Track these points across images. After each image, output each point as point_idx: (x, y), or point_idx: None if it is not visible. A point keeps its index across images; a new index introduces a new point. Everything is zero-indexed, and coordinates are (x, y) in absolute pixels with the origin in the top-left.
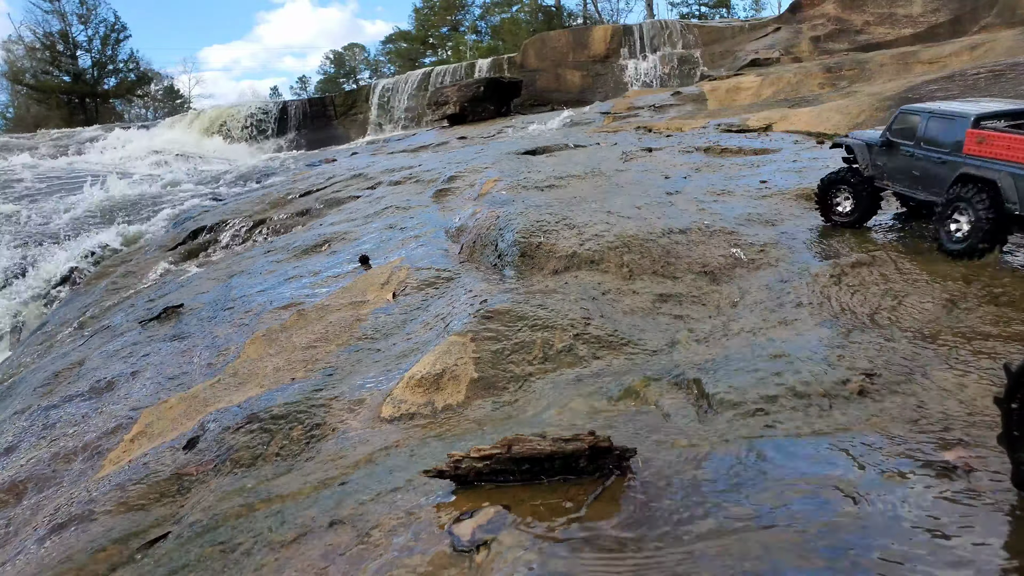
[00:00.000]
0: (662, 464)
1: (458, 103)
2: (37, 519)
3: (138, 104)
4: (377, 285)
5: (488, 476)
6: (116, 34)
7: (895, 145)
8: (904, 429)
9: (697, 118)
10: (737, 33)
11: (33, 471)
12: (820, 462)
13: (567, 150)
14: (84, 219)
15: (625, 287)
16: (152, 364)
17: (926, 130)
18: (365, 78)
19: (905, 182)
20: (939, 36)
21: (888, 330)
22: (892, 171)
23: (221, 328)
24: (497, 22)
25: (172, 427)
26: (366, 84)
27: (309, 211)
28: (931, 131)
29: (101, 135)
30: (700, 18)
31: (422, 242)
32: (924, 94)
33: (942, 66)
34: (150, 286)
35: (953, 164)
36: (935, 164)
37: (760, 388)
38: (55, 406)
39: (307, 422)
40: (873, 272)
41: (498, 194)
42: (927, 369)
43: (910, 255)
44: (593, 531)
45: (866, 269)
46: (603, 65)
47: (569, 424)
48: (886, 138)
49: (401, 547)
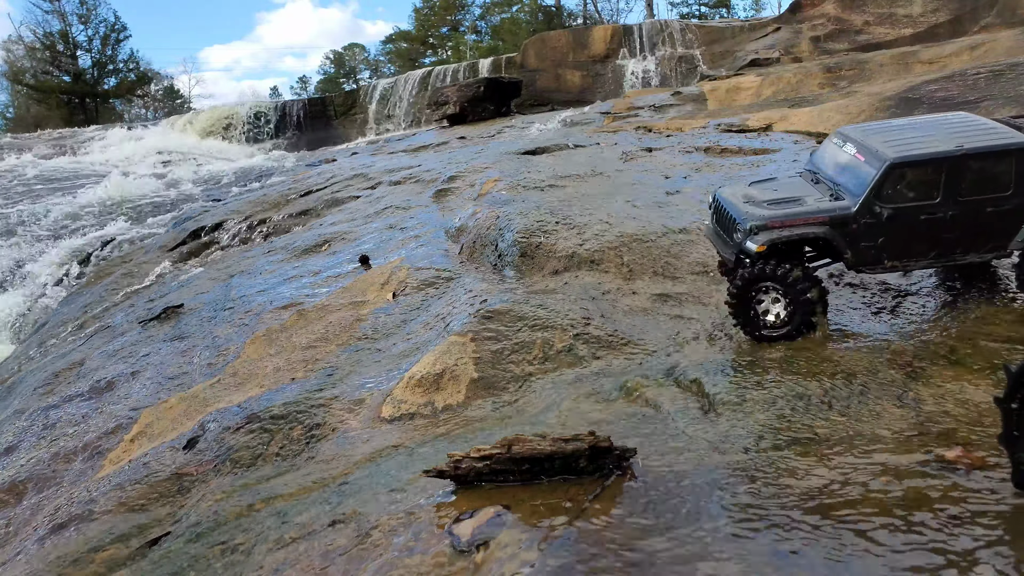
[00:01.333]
0: (662, 464)
1: (458, 103)
2: (37, 519)
3: (138, 104)
4: (377, 285)
5: (488, 476)
6: (116, 34)
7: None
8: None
9: (697, 118)
10: (737, 33)
11: (33, 471)
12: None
13: (567, 150)
14: (84, 219)
15: (625, 287)
16: (152, 364)
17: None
18: (365, 78)
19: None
20: (939, 36)
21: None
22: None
23: (221, 328)
24: (497, 22)
25: (172, 427)
26: (366, 84)
27: (309, 211)
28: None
29: (101, 135)
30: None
31: (422, 242)
32: (924, 94)
33: (942, 66)
34: (150, 286)
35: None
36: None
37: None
38: (55, 406)
39: (307, 422)
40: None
41: (498, 194)
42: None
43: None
44: (593, 531)
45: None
46: (603, 65)
47: (569, 424)
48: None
49: (401, 547)
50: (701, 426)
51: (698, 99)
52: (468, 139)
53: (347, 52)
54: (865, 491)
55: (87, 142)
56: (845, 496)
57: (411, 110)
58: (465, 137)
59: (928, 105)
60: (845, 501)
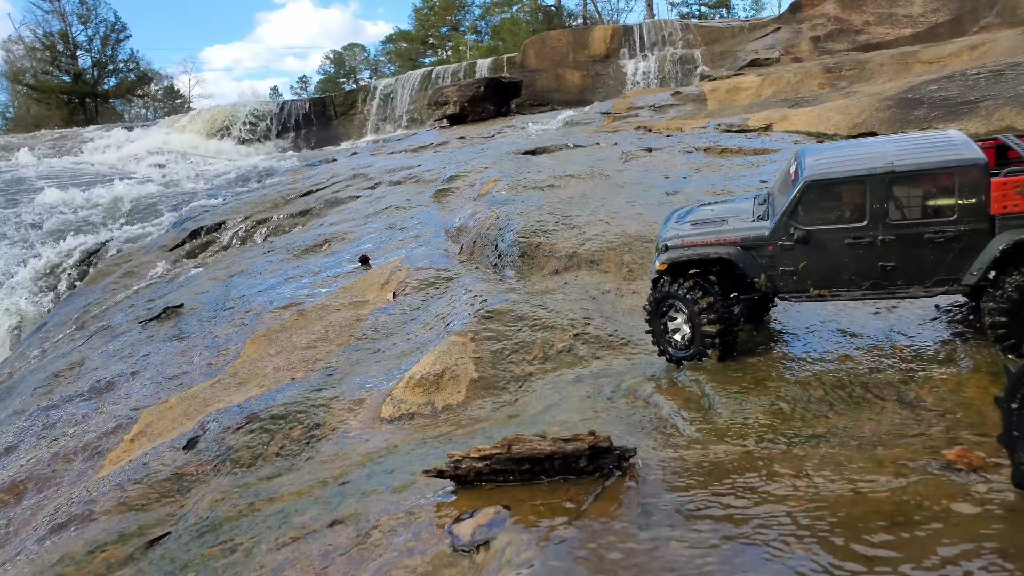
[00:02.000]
0: (663, 464)
1: (458, 103)
2: (37, 519)
3: (138, 104)
4: (377, 285)
5: (488, 476)
6: (116, 34)
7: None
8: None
9: (697, 118)
10: (737, 33)
11: (33, 471)
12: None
13: (567, 150)
14: (83, 219)
15: (625, 287)
16: (152, 364)
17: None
18: (365, 78)
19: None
20: (939, 36)
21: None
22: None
23: (221, 328)
24: (497, 22)
25: (172, 427)
26: (366, 84)
27: (309, 211)
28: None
29: (101, 135)
30: (700, 18)
31: (422, 242)
32: (924, 94)
33: (942, 66)
34: (150, 286)
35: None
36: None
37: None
38: (55, 406)
39: (307, 422)
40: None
41: (498, 194)
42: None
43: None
44: (593, 531)
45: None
46: (603, 65)
47: (569, 424)
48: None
49: (401, 547)
50: (701, 426)
51: (698, 99)
52: (468, 139)
53: (347, 52)
54: (871, 488)
55: (87, 142)
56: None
57: (411, 110)
58: (465, 137)
59: (928, 105)
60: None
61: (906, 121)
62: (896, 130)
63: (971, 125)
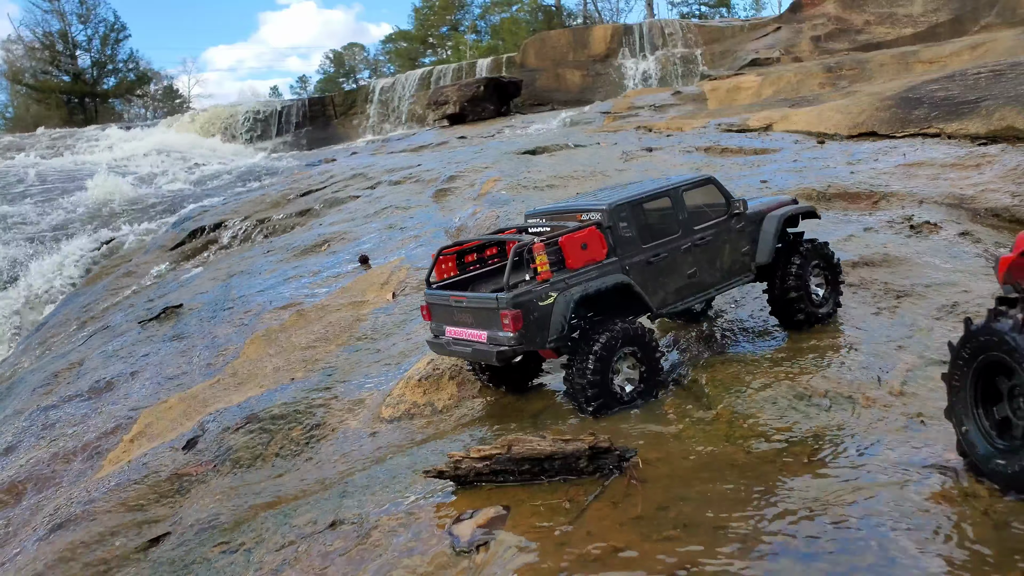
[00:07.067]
0: (662, 464)
1: (458, 103)
2: (36, 519)
3: (137, 104)
4: (377, 285)
5: (488, 476)
6: (116, 34)
7: None
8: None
9: (697, 118)
10: (737, 33)
11: (33, 471)
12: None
13: (567, 150)
14: (83, 219)
15: None
16: (151, 364)
17: None
18: (365, 78)
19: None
20: (939, 36)
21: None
22: None
23: (221, 328)
24: (497, 22)
25: (171, 427)
26: (366, 84)
27: (309, 211)
28: None
29: (100, 135)
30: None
31: (422, 242)
32: (924, 94)
33: (942, 66)
34: (150, 286)
35: None
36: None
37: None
38: (54, 406)
39: (307, 422)
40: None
41: (498, 194)
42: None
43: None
44: (593, 531)
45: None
46: (603, 65)
47: (569, 424)
48: None
49: (401, 547)
50: (701, 426)
51: (698, 99)
52: (468, 139)
53: (347, 52)
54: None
55: (86, 142)
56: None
57: (411, 110)
58: (465, 137)
59: (928, 105)
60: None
61: (907, 120)
62: (896, 130)
63: (971, 125)
